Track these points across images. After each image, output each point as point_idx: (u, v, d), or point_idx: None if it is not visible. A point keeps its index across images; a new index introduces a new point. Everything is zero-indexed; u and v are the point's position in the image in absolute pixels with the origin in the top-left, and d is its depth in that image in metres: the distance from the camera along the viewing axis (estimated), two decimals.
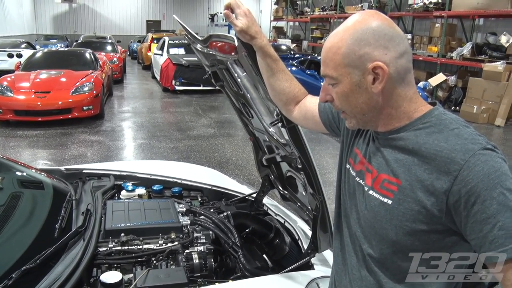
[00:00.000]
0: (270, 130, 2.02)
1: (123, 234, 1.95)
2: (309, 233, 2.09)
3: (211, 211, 2.39)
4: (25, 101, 7.91)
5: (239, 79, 1.99)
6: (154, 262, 1.87)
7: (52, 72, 8.98)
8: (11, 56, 13.16)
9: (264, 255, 2.38)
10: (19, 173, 2.37)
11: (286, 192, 2.42)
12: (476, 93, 9.89)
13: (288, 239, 2.33)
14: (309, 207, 2.04)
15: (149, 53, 16.78)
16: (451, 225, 0.98)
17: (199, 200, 2.62)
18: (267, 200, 2.66)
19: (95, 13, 27.71)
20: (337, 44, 1.04)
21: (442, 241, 1.02)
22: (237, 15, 1.34)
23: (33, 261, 1.59)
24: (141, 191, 2.52)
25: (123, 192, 2.51)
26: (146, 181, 2.68)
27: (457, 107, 10.51)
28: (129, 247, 1.92)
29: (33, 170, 2.47)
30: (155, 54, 14.22)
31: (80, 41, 16.65)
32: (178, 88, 12.03)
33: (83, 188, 2.42)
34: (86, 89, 8.31)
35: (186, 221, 2.15)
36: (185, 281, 1.71)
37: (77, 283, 1.60)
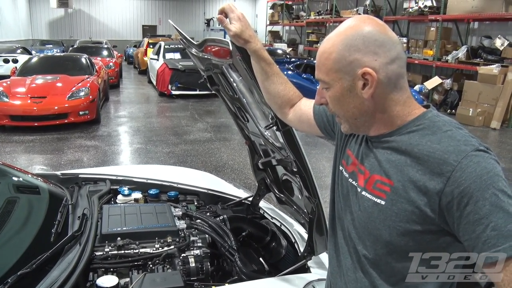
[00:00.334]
0: (265, 133, 2.03)
1: (119, 238, 1.95)
2: (306, 236, 2.09)
3: (208, 214, 2.40)
4: (21, 106, 7.89)
5: (234, 83, 2.00)
6: (150, 266, 1.87)
7: (48, 77, 8.96)
8: (7, 61, 13.19)
9: (260, 259, 2.38)
10: (15, 178, 2.36)
11: (282, 195, 2.43)
12: (471, 96, 9.94)
13: (284, 242, 2.33)
14: (305, 210, 2.05)
15: (145, 58, 16.77)
16: (444, 226, 0.98)
17: (196, 204, 2.62)
18: (263, 203, 2.66)
19: (91, 18, 27.70)
20: (329, 49, 1.06)
21: (436, 242, 1.02)
22: (230, 19, 1.36)
23: (29, 265, 1.59)
24: (137, 195, 2.53)
25: (119, 196, 2.51)
26: (142, 186, 2.68)
27: (453, 110, 10.55)
28: (126, 251, 1.91)
29: (29, 175, 2.47)
30: (151, 59, 14.22)
31: (76, 46, 16.67)
32: (174, 92, 12.04)
33: (79, 192, 2.42)
34: (82, 94, 8.30)
35: (182, 225, 2.14)
36: (182, 285, 1.70)
37: None
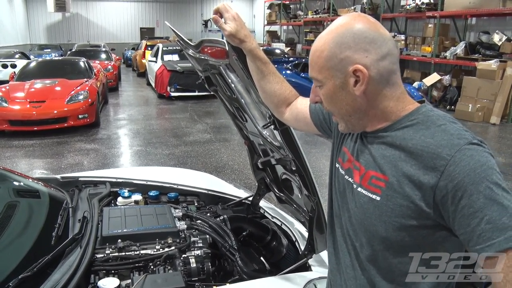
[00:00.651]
0: (264, 133, 2.04)
1: (120, 240, 1.96)
2: (306, 235, 2.10)
3: (208, 215, 2.40)
4: (20, 111, 7.90)
5: (232, 83, 2.01)
6: (151, 267, 1.88)
7: (46, 81, 8.97)
8: (5, 66, 13.19)
9: (261, 258, 2.39)
10: (15, 183, 2.37)
11: (282, 194, 2.43)
12: (470, 91, 9.94)
13: (285, 241, 2.33)
14: (305, 209, 2.05)
15: (144, 60, 16.79)
16: (440, 220, 0.99)
17: (196, 204, 2.63)
18: (263, 203, 2.67)
19: (89, 21, 27.68)
20: (320, 47, 1.07)
21: (432, 236, 1.03)
22: (225, 19, 1.37)
23: (30, 269, 1.59)
24: (138, 197, 2.53)
25: (120, 198, 2.51)
26: (142, 187, 2.69)
27: (452, 106, 10.56)
28: (126, 253, 1.92)
29: (30, 179, 2.48)
30: (150, 61, 14.23)
31: (74, 50, 16.70)
32: (173, 94, 12.04)
33: (80, 195, 2.42)
34: (81, 97, 8.31)
35: (182, 225, 2.15)
36: (183, 286, 1.71)
37: None
